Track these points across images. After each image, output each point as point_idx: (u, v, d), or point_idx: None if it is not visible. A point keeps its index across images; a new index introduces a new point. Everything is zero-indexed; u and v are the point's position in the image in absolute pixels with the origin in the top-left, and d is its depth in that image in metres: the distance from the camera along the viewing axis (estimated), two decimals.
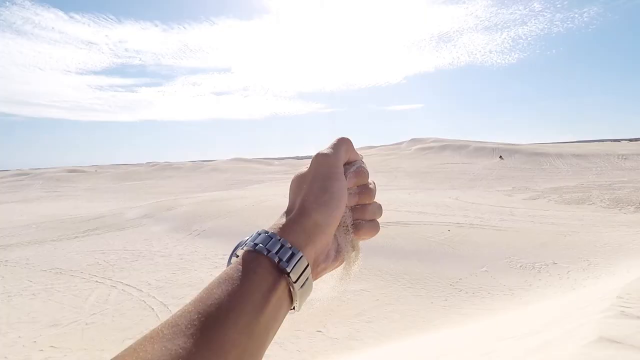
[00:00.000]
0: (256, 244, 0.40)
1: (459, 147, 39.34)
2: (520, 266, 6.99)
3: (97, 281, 7.37)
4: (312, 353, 4.56)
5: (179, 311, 0.35)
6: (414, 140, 56.45)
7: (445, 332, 4.50)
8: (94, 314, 5.89)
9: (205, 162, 66.55)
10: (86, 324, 5.56)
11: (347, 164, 0.48)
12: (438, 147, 41.77)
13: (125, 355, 0.31)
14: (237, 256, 0.41)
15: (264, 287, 0.38)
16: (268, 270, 0.39)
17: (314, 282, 0.44)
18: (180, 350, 0.31)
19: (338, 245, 0.47)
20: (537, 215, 11.13)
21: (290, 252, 0.40)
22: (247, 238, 0.42)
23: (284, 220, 0.44)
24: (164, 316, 5.77)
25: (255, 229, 0.43)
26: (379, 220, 0.50)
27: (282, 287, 0.39)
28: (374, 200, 0.50)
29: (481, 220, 10.47)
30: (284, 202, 0.48)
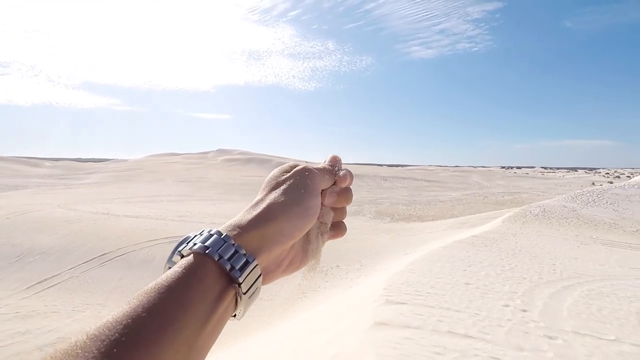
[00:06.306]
0: (207, 247, 0.35)
1: (262, 161, 41.71)
2: None
3: None
4: None
5: (108, 319, 0.29)
6: (220, 151, 56.42)
7: (249, 341, 4.57)
8: None
9: None
10: None
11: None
12: (244, 159, 43.13)
13: None
14: (182, 256, 0.35)
15: (211, 297, 0.33)
16: (217, 278, 0.35)
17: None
18: None
19: (301, 249, 0.45)
20: None
21: (245, 259, 0.36)
22: (193, 235, 0.36)
23: (244, 218, 0.39)
24: None
25: (11, 248, 0.28)
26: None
27: (230, 297, 0.35)
28: None
29: None
30: (58, 213, 0.34)
